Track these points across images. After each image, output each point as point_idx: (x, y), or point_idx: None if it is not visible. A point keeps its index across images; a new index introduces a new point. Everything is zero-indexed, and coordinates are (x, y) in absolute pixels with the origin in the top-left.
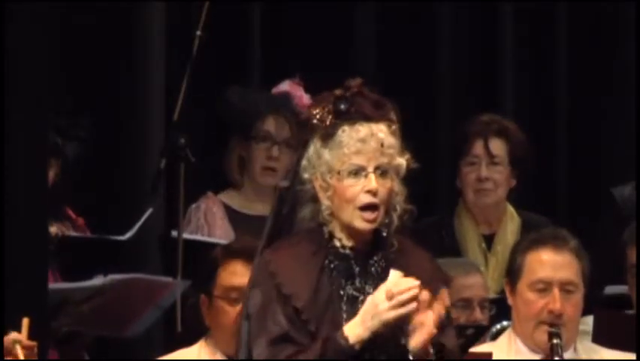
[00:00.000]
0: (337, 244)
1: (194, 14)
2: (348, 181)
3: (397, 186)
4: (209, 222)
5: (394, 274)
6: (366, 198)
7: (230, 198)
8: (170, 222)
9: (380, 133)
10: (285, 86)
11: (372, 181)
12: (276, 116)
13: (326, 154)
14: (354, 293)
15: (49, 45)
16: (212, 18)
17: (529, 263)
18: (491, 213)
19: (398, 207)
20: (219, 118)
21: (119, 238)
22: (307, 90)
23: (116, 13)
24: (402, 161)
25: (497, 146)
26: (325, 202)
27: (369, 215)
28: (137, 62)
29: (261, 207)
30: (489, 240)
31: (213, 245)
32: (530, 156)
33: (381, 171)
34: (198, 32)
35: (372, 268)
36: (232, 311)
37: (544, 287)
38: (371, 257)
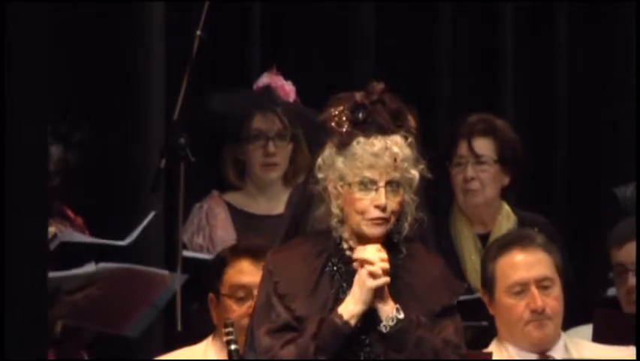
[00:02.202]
0: (345, 246)
1: (194, 14)
2: (359, 194)
3: (410, 196)
4: (211, 223)
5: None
6: (375, 213)
7: (234, 198)
8: (170, 222)
9: (395, 147)
10: (264, 79)
11: (382, 197)
12: (263, 112)
13: (339, 162)
14: None
15: (49, 45)
16: (212, 18)
17: (501, 269)
18: (484, 212)
19: (410, 217)
20: (208, 126)
21: (120, 243)
22: (307, 91)
23: (116, 14)
24: (415, 174)
25: (483, 145)
26: (335, 210)
27: (377, 221)
28: (137, 61)
29: (265, 206)
30: (485, 239)
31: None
32: (522, 154)
33: (393, 185)
34: (198, 32)
35: None
36: (238, 310)
37: (521, 289)
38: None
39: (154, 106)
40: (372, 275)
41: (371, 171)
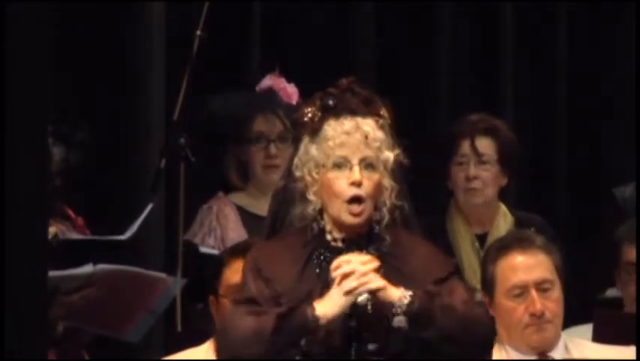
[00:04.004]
0: (329, 237)
1: (194, 14)
2: (333, 174)
3: (387, 182)
4: (222, 224)
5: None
6: (351, 191)
7: (239, 199)
8: (170, 223)
9: (366, 126)
10: (267, 81)
11: (355, 173)
12: (265, 114)
13: (313, 149)
14: None
15: (49, 45)
16: (212, 18)
17: (501, 271)
18: (482, 212)
19: (388, 202)
20: (210, 128)
21: (120, 238)
22: (307, 92)
23: (116, 13)
24: (389, 155)
25: (485, 144)
26: (312, 198)
27: (355, 208)
28: (137, 62)
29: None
30: (482, 239)
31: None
32: (519, 155)
33: (367, 164)
34: (198, 32)
35: None
36: None
37: (520, 292)
38: (364, 250)
39: (154, 106)
40: (346, 276)
41: (343, 150)
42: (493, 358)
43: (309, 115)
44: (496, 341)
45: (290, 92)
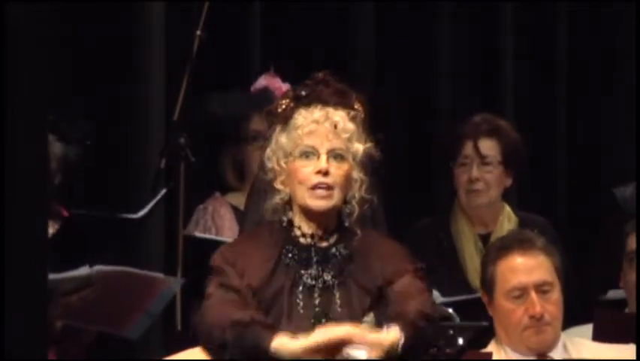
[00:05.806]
0: (297, 233)
1: (194, 14)
2: (300, 162)
3: (357, 174)
4: (217, 224)
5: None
6: (317, 179)
7: (236, 199)
8: (170, 223)
9: (336, 117)
10: (262, 81)
11: (322, 161)
12: (261, 114)
13: (283, 138)
14: (311, 282)
15: (49, 45)
16: (212, 18)
17: (501, 272)
18: (485, 213)
19: (357, 195)
20: (206, 128)
21: (132, 216)
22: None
23: (116, 13)
24: (359, 147)
25: (488, 146)
26: (279, 187)
27: (320, 192)
28: (137, 62)
29: None
30: (486, 239)
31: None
32: (523, 155)
33: (335, 154)
34: (198, 32)
35: (333, 257)
36: None
37: (520, 294)
38: (333, 246)
39: (154, 106)
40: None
41: (312, 139)
42: (493, 358)
43: (283, 106)
44: (495, 342)
45: (285, 91)
